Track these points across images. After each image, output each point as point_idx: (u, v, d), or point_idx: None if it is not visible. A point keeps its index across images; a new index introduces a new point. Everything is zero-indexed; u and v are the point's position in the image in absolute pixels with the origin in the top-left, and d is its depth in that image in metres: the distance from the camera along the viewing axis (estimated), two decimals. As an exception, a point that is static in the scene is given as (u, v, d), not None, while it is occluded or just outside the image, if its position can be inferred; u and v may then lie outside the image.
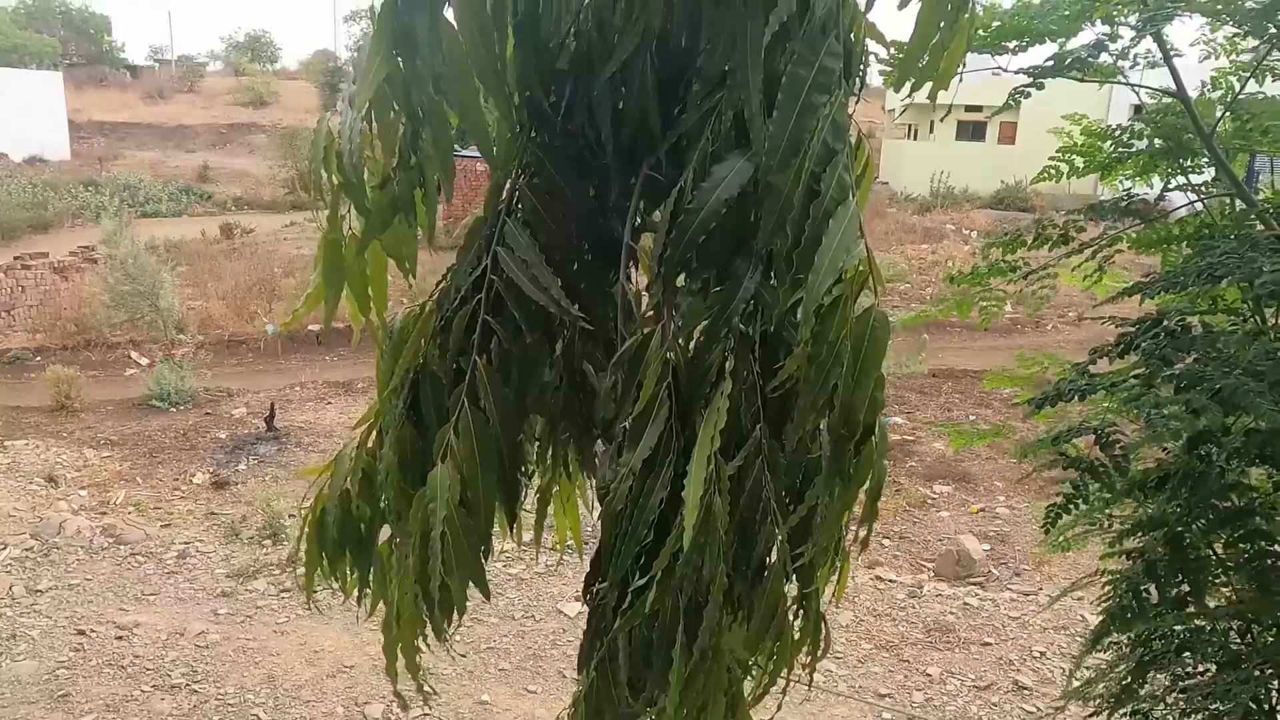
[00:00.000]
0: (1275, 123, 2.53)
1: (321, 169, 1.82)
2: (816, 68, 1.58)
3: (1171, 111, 2.53)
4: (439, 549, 1.74)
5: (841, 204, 1.57)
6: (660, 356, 1.66)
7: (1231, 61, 2.64)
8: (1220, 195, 2.54)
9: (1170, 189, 2.65)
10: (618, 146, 1.81)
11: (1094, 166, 2.86)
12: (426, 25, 1.65)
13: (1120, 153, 2.72)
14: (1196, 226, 2.60)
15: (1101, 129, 2.81)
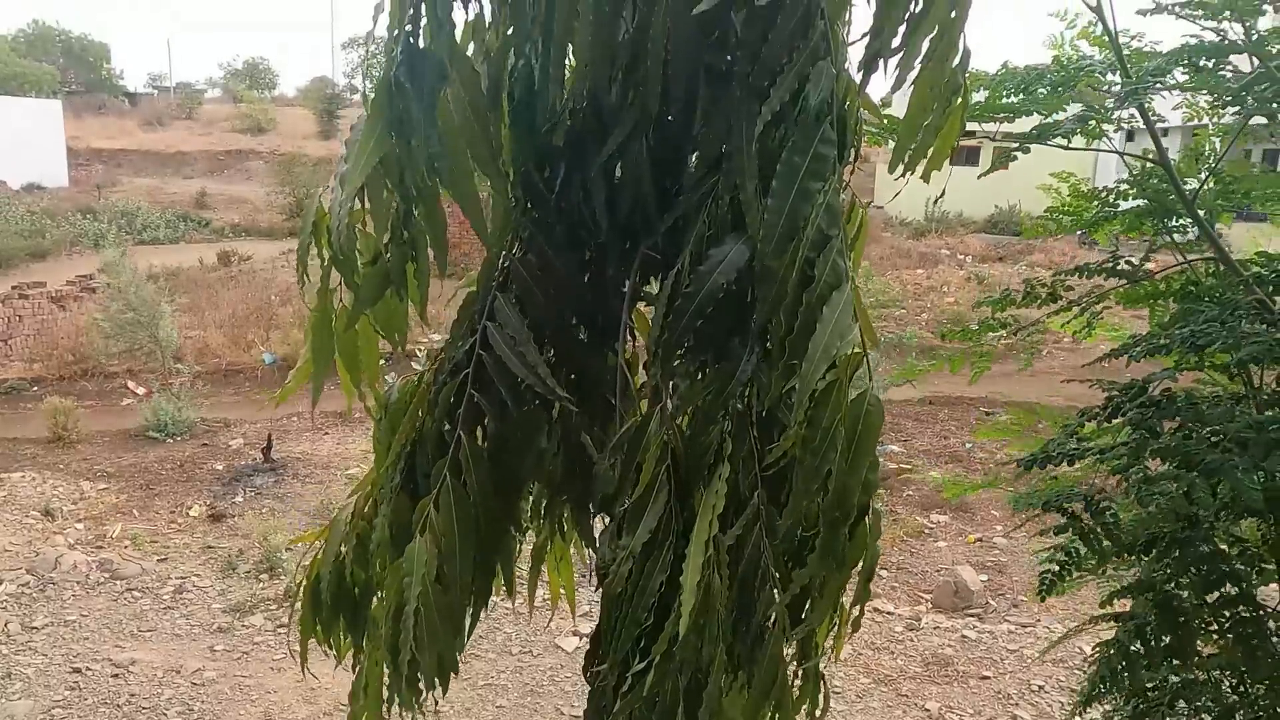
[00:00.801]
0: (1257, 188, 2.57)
1: (311, 244, 1.83)
2: (811, 155, 1.59)
3: (1155, 174, 2.57)
4: (411, 624, 1.74)
5: (836, 289, 1.58)
6: (659, 440, 1.66)
7: (1215, 125, 2.68)
8: (1204, 258, 2.57)
9: (1156, 249, 2.69)
10: (613, 224, 1.83)
11: (1081, 224, 2.89)
12: (423, 108, 1.67)
13: (1107, 211, 2.76)
14: (1182, 284, 2.63)
15: (1088, 189, 2.86)
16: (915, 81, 1.69)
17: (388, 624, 1.73)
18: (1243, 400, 2.07)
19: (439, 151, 1.72)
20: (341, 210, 1.66)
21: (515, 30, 1.70)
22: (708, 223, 1.70)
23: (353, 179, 1.63)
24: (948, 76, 1.68)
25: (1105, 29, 2.39)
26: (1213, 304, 2.11)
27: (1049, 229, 3.03)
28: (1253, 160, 10.20)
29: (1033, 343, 2.96)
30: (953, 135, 1.75)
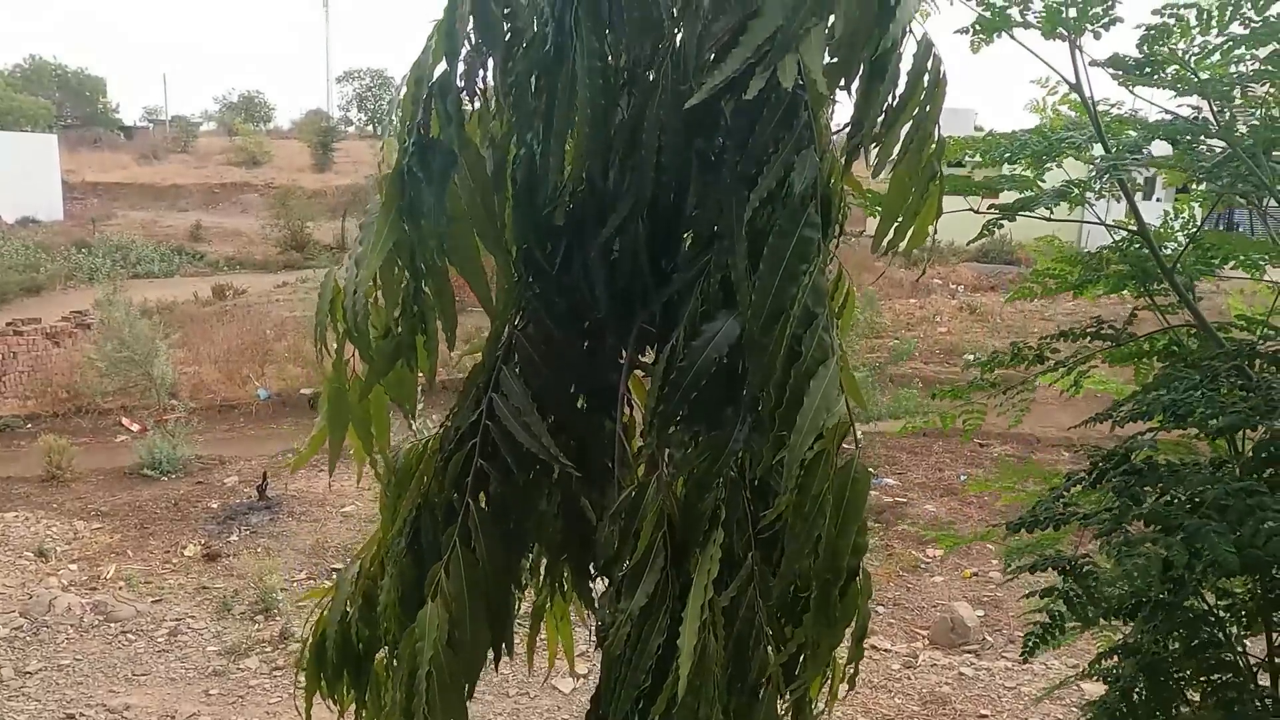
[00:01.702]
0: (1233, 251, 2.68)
1: (327, 320, 1.92)
2: (796, 238, 1.69)
3: (1136, 241, 2.68)
4: (424, 688, 1.81)
5: (822, 364, 1.67)
6: (656, 506, 1.74)
7: (1193, 191, 2.79)
8: (1185, 325, 2.68)
9: (1139, 310, 2.80)
10: (611, 298, 1.92)
11: (1066, 286, 3.01)
12: (434, 194, 1.76)
13: (1091, 275, 2.88)
14: (1166, 343, 2.73)
15: (1073, 254, 2.97)
16: (894, 169, 1.79)
17: (401, 688, 1.80)
18: (1225, 464, 2.16)
19: (448, 232, 1.82)
20: (358, 293, 1.75)
21: (518, 120, 1.80)
22: (700, 299, 1.80)
23: (369, 264, 1.72)
24: (924, 164, 1.79)
25: (1084, 103, 2.52)
26: (1194, 370, 2.21)
27: (1035, 293, 3.15)
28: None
29: (1022, 400, 3.06)
30: (930, 217, 1.85)
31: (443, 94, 1.71)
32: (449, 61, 1.71)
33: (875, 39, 1.66)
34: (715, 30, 1.84)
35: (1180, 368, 2.36)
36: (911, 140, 1.75)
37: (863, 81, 1.72)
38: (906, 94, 1.73)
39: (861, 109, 1.72)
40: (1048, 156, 2.63)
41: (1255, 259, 2.73)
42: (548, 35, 1.76)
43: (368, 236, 1.79)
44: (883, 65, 1.67)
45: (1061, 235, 3.17)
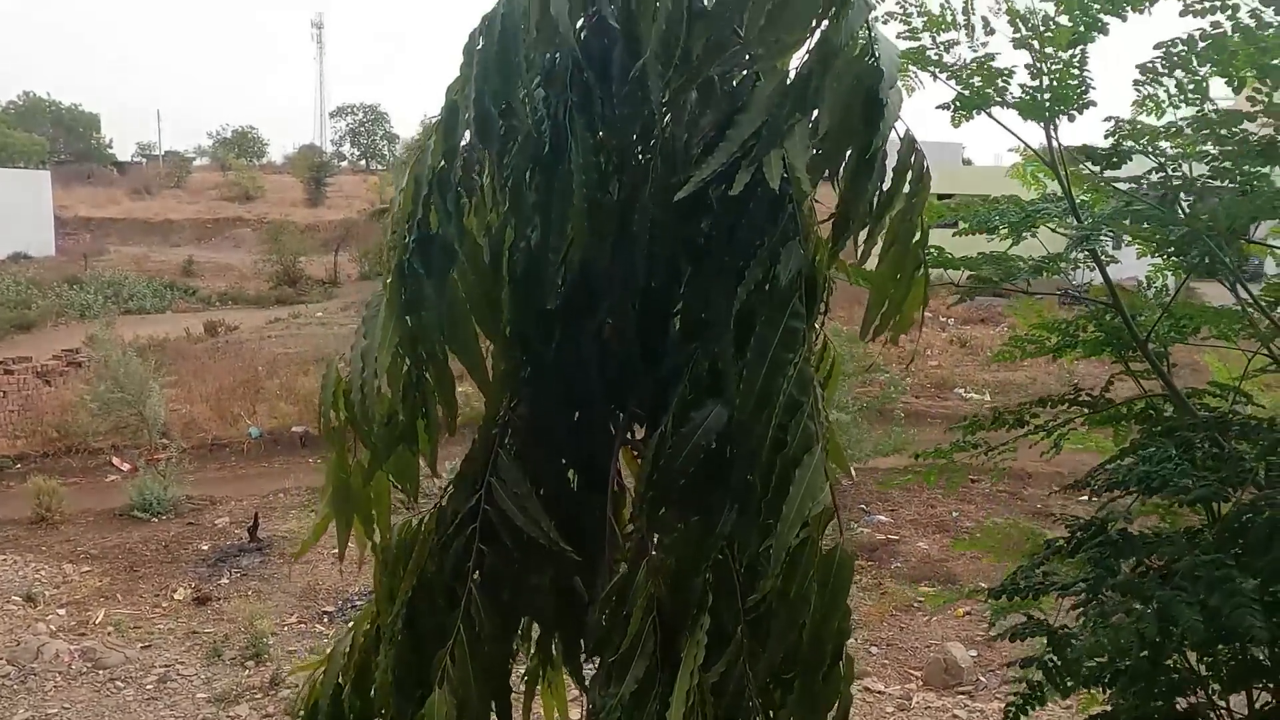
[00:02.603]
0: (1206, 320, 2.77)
1: (330, 410, 1.97)
2: (782, 328, 1.76)
3: (1111, 311, 2.77)
4: None
5: (807, 453, 1.73)
6: (645, 592, 1.79)
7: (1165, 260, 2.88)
8: (1160, 396, 2.76)
9: (1116, 375, 2.87)
10: (603, 380, 1.98)
11: (1045, 351, 3.09)
12: (434, 287, 1.82)
13: (1068, 340, 2.96)
14: (1143, 407, 2.81)
15: (1049, 321, 3.06)
16: (880, 259, 1.87)
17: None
18: (1201, 531, 2.22)
19: (448, 321, 1.88)
20: (366, 388, 1.79)
21: (515, 213, 1.87)
22: (689, 385, 1.85)
23: (379, 360, 1.78)
24: (910, 254, 1.86)
25: (1060, 180, 2.61)
26: (1169, 437, 2.28)
27: (1015, 356, 3.23)
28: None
29: (1003, 460, 3.13)
30: (916, 303, 1.92)
31: (441, 191, 1.77)
32: (447, 160, 1.78)
33: (862, 139, 1.74)
34: (703, 124, 1.92)
35: (1156, 434, 2.43)
36: (897, 232, 1.82)
37: (849, 177, 1.80)
38: (892, 190, 1.80)
39: (848, 203, 1.79)
40: (1024, 227, 2.72)
41: (1225, 331, 2.82)
42: (544, 132, 1.83)
43: (372, 330, 1.84)
44: (869, 164, 1.75)
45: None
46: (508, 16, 1.70)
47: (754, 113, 1.80)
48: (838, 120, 1.75)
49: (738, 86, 1.93)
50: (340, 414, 1.97)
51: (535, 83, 1.81)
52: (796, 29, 1.81)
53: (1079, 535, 2.23)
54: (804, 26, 1.80)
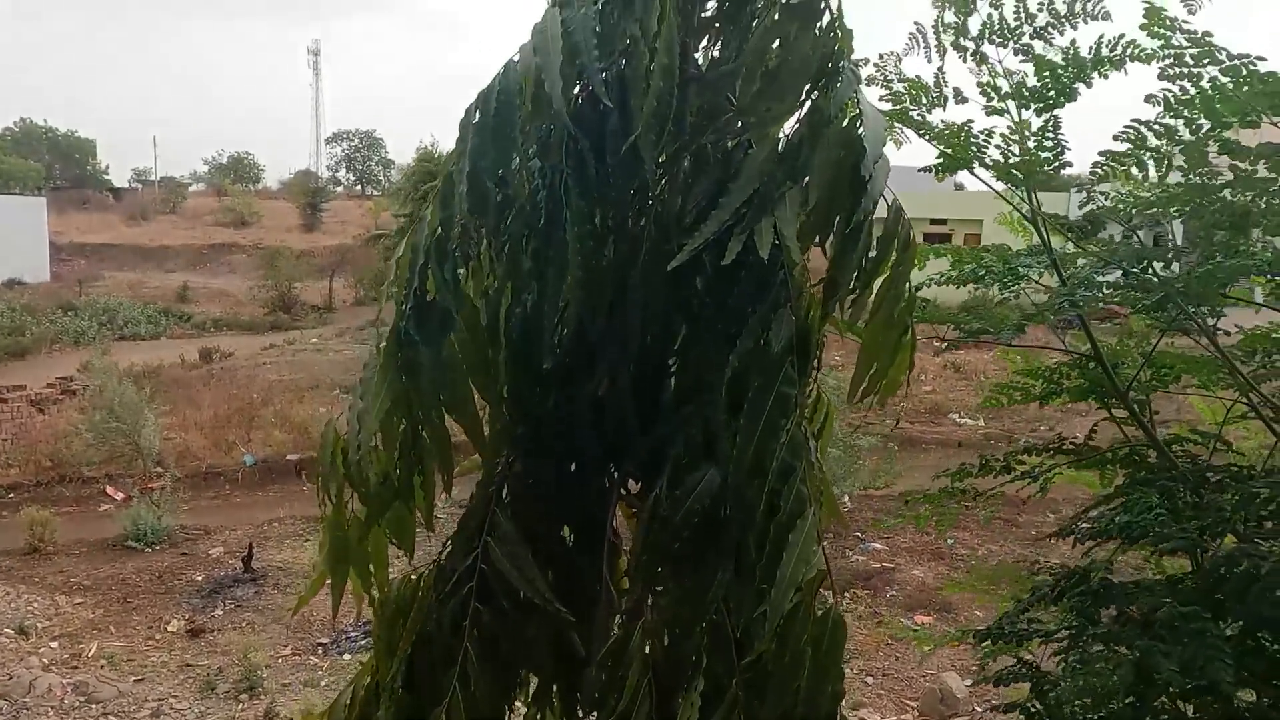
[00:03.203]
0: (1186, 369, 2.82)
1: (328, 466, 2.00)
2: (775, 394, 1.79)
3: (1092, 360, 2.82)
4: None
5: (799, 518, 1.76)
6: (640, 656, 1.81)
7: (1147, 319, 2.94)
8: (1142, 445, 2.80)
9: (1099, 423, 2.92)
10: (598, 441, 2.01)
11: (1030, 398, 3.14)
12: (430, 353, 1.86)
13: (1053, 387, 3.01)
14: (1127, 452, 2.85)
15: (1035, 367, 3.11)
16: (867, 325, 1.90)
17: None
18: (1185, 578, 2.25)
19: (444, 383, 1.91)
20: (362, 448, 1.82)
21: (512, 280, 1.91)
22: (684, 449, 1.88)
23: (369, 423, 1.80)
24: (897, 319, 1.90)
25: (1040, 236, 2.67)
26: (1151, 484, 2.31)
27: (1001, 402, 3.28)
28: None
29: (993, 504, 3.17)
30: (903, 367, 1.96)
31: (439, 260, 1.81)
32: (444, 229, 1.81)
33: (849, 208, 1.78)
34: (696, 191, 1.96)
35: (1139, 480, 2.47)
36: (884, 299, 1.86)
37: (837, 245, 1.84)
38: (878, 257, 1.84)
39: (837, 270, 1.83)
40: (1010, 281, 2.78)
41: (1205, 381, 2.87)
42: (539, 201, 1.87)
43: (368, 392, 1.87)
44: (856, 233, 1.79)
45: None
46: (503, 91, 1.74)
47: (746, 181, 1.84)
48: (826, 190, 1.79)
49: (731, 152, 1.97)
50: (339, 472, 1.99)
51: (531, 153, 1.85)
52: (787, 98, 1.85)
53: (1062, 584, 2.26)
54: (795, 96, 1.85)
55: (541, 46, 1.69)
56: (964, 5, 2.50)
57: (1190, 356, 2.84)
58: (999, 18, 2.47)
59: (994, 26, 2.48)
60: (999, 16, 2.47)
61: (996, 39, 2.47)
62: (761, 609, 1.72)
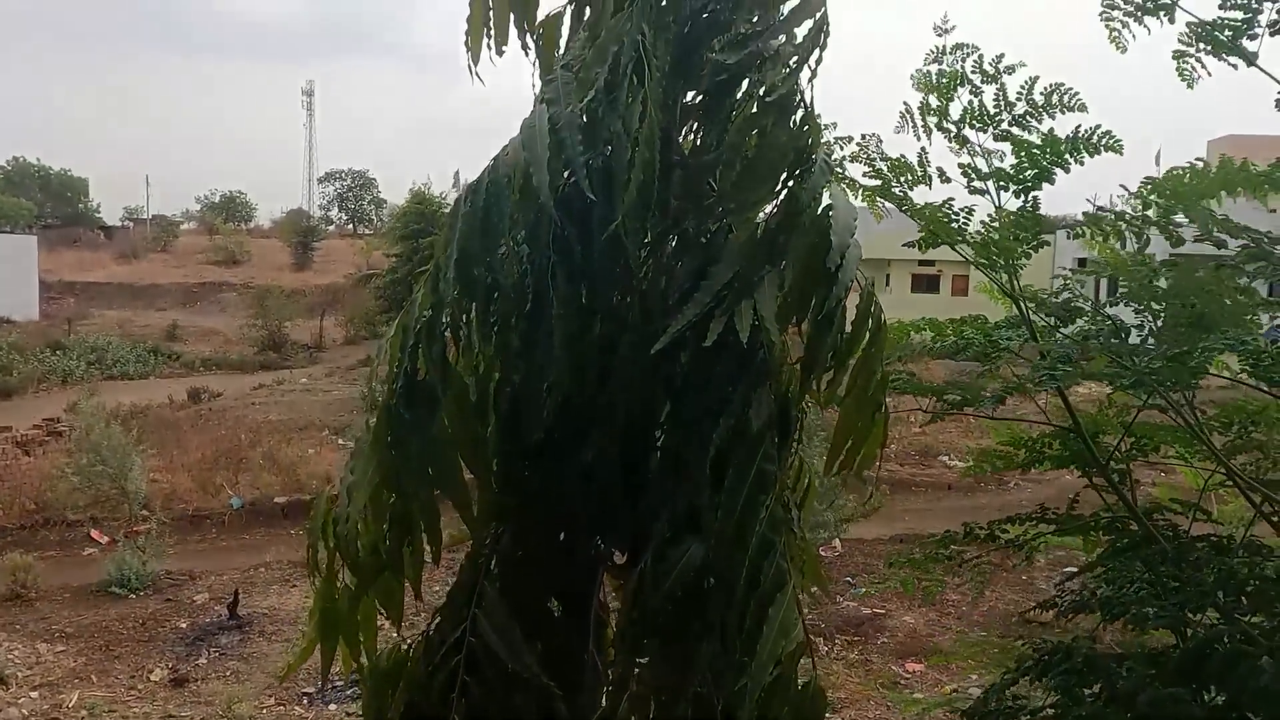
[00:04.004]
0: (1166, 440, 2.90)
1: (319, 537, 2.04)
2: (755, 471, 1.85)
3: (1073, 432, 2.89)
4: None
5: (780, 591, 1.81)
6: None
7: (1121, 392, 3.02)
8: (1124, 516, 2.86)
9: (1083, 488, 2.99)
10: (585, 512, 2.06)
11: (1013, 465, 3.21)
12: (419, 429, 1.91)
13: (1035, 455, 3.09)
14: (1109, 521, 2.91)
15: (1019, 437, 3.19)
16: (842, 403, 1.97)
17: None
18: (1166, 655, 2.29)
19: (433, 458, 1.96)
20: (350, 522, 1.87)
21: (500, 359, 1.97)
22: (668, 524, 1.93)
23: (356, 499, 1.85)
24: (870, 397, 1.97)
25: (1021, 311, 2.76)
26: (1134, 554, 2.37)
27: (984, 470, 3.35)
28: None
29: (981, 573, 3.23)
30: (877, 442, 2.02)
31: (428, 341, 1.87)
32: (434, 311, 1.88)
33: (824, 292, 1.85)
34: (679, 274, 2.03)
35: (1122, 546, 2.52)
36: (858, 379, 1.93)
37: (812, 327, 1.91)
38: (851, 338, 1.92)
39: (812, 351, 1.90)
40: (990, 355, 2.86)
41: (1183, 453, 2.95)
42: (526, 284, 1.94)
43: (358, 466, 1.92)
44: (830, 318, 1.86)
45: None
46: (492, 183, 1.81)
47: (727, 264, 1.92)
48: (802, 275, 1.87)
49: (713, 235, 2.05)
50: (329, 541, 2.03)
51: (519, 237, 1.92)
52: (764, 187, 1.94)
53: (1046, 659, 2.30)
54: (771, 185, 1.93)
55: (530, 141, 1.77)
56: (945, 92, 2.62)
57: (1169, 427, 2.92)
58: (979, 104, 2.59)
59: (974, 112, 2.60)
60: (979, 103, 2.59)
61: (976, 124, 2.59)
62: (743, 682, 1.76)
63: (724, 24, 2.04)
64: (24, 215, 47.97)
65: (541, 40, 2.23)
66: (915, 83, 2.71)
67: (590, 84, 1.79)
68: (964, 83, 2.62)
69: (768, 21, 2.01)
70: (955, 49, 2.63)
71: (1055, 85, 2.54)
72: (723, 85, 2.02)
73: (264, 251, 48.26)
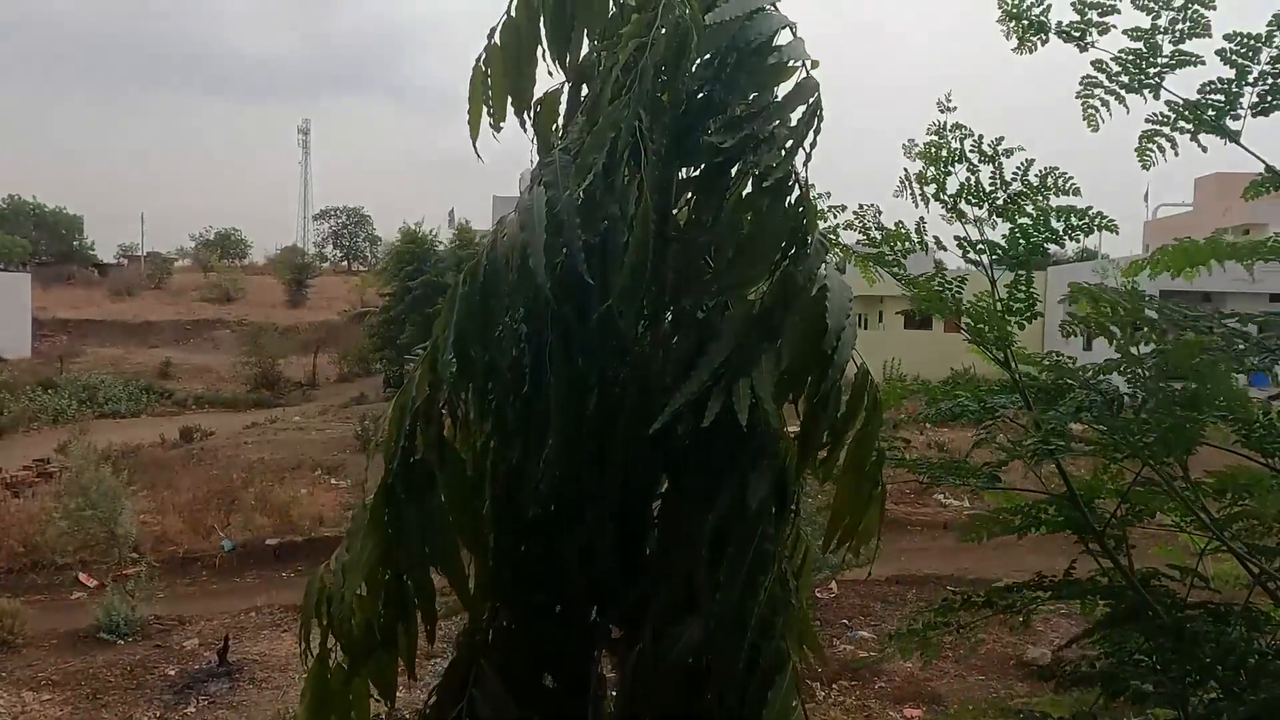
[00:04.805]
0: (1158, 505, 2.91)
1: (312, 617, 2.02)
2: (753, 552, 1.84)
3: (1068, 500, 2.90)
4: None
5: (779, 673, 1.79)
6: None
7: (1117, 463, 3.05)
8: (1120, 584, 2.86)
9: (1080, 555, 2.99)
10: (583, 591, 2.05)
11: (1009, 531, 3.21)
12: (416, 510, 1.90)
13: (1030, 520, 3.09)
14: (1106, 586, 2.91)
15: (1014, 504, 3.20)
16: (838, 481, 1.97)
17: None
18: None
19: (430, 536, 1.95)
20: (346, 601, 1.85)
21: (498, 438, 1.97)
22: (666, 601, 1.92)
23: (354, 577, 1.84)
24: (867, 473, 1.97)
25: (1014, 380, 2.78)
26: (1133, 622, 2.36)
27: (982, 535, 3.36)
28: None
29: (976, 640, 3.21)
30: (874, 521, 2.02)
31: (426, 422, 1.87)
32: (432, 390, 1.88)
33: (819, 377, 1.86)
34: (676, 351, 2.04)
35: (1119, 612, 2.51)
36: (854, 458, 1.93)
37: (808, 406, 1.91)
38: (847, 417, 1.92)
39: (808, 431, 1.90)
40: (984, 419, 2.87)
41: (1177, 522, 2.96)
42: (524, 363, 1.94)
43: (354, 544, 1.91)
44: (825, 399, 1.87)
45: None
46: (491, 264, 1.82)
47: (724, 341, 1.93)
48: (797, 355, 1.87)
49: (710, 311, 2.06)
50: (322, 620, 2.01)
51: (517, 316, 1.93)
52: (760, 266, 1.96)
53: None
54: (766, 264, 1.95)
55: (528, 224, 1.78)
56: (941, 168, 2.67)
57: (1163, 493, 2.92)
58: (975, 181, 2.64)
59: (970, 188, 2.64)
60: (975, 180, 2.64)
61: (972, 200, 2.64)
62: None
63: (719, 104, 2.06)
64: (18, 252, 48.03)
65: (540, 116, 2.26)
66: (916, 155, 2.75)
67: (589, 169, 1.81)
68: (962, 160, 2.67)
69: (762, 103, 2.03)
70: (955, 128, 2.69)
71: (1050, 169, 2.59)
72: (718, 165, 2.04)
73: (258, 288, 48.31)
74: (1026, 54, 2.57)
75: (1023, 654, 11.17)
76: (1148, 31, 2.66)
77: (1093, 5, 2.54)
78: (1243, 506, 2.77)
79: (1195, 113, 2.46)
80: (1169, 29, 2.60)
